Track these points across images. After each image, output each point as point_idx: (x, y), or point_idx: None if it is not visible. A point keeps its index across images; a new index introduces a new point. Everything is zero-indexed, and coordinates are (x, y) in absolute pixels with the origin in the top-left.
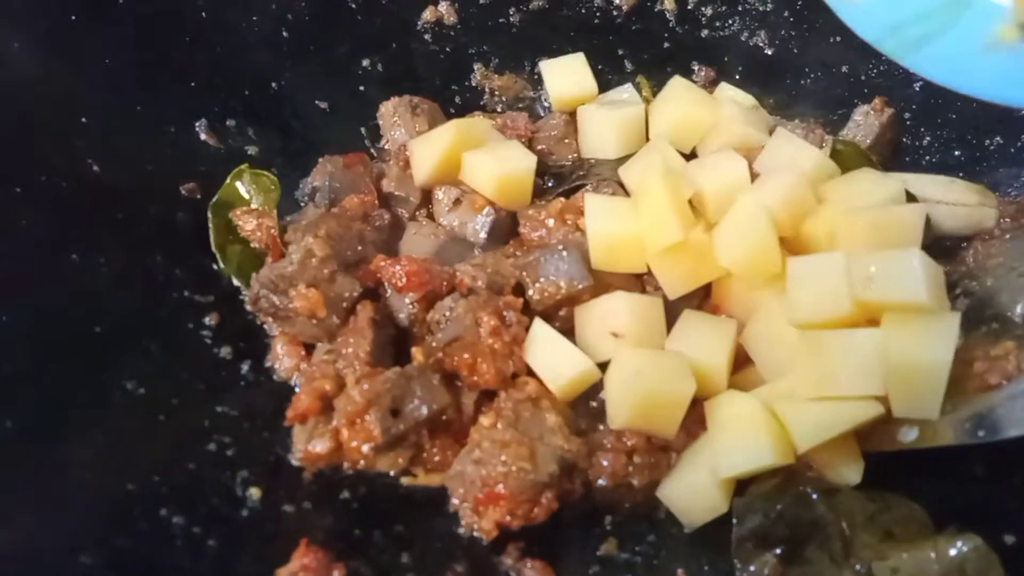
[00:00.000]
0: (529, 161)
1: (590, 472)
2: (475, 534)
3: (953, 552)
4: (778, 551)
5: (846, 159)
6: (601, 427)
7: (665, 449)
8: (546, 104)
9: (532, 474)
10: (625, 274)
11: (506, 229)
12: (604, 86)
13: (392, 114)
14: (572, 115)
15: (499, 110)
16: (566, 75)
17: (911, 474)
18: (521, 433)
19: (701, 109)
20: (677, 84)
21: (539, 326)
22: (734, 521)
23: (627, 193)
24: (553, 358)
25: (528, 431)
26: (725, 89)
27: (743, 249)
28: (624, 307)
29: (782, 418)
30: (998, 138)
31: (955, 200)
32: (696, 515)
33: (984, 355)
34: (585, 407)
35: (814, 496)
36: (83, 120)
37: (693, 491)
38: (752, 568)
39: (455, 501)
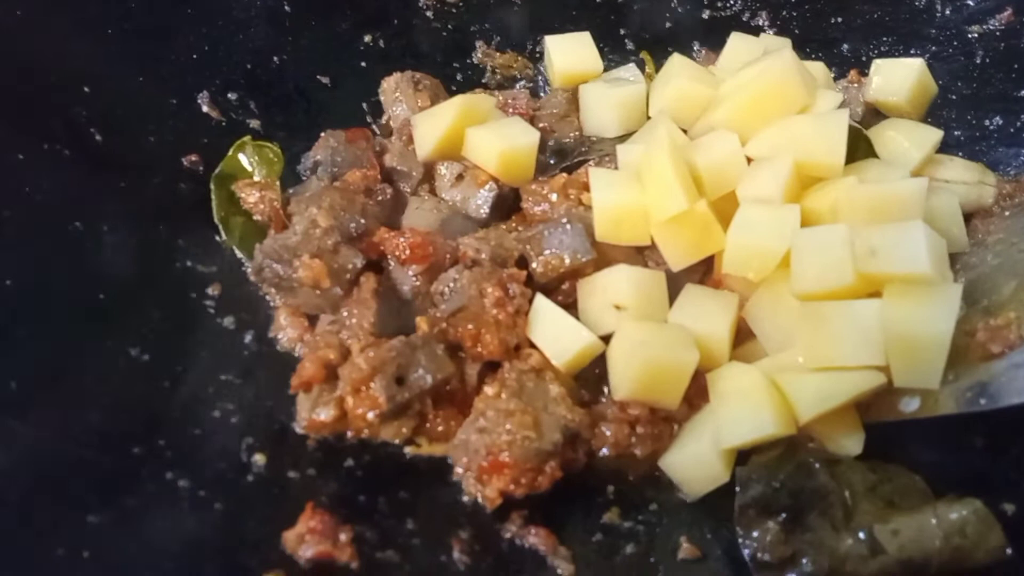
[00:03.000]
0: (531, 137)
1: (593, 442)
2: (479, 502)
3: (954, 516)
4: (780, 519)
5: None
6: (604, 398)
7: (667, 420)
8: (546, 82)
9: (536, 443)
10: (627, 248)
11: (508, 205)
12: (605, 65)
13: (394, 89)
14: (574, 93)
15: (500, 88)
16: (571, 52)
17: (912, 445)
18: (525, 403)
19: (701, 86)
20: (677, 61)
21: (541, 301)
22: (737, 489)
23: None
24: (556, 333)
25: (532, 401)
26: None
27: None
28: (626, 280)
29: (784, 389)
30: (998, 118)
31: (955, 178)
32: (698, 485)
33: (985, 325)
34: (588, 378)
35: (816, 465)
36: (86, 90)
37: (695, 461)
38: (755, 535)
39: (459, 470)
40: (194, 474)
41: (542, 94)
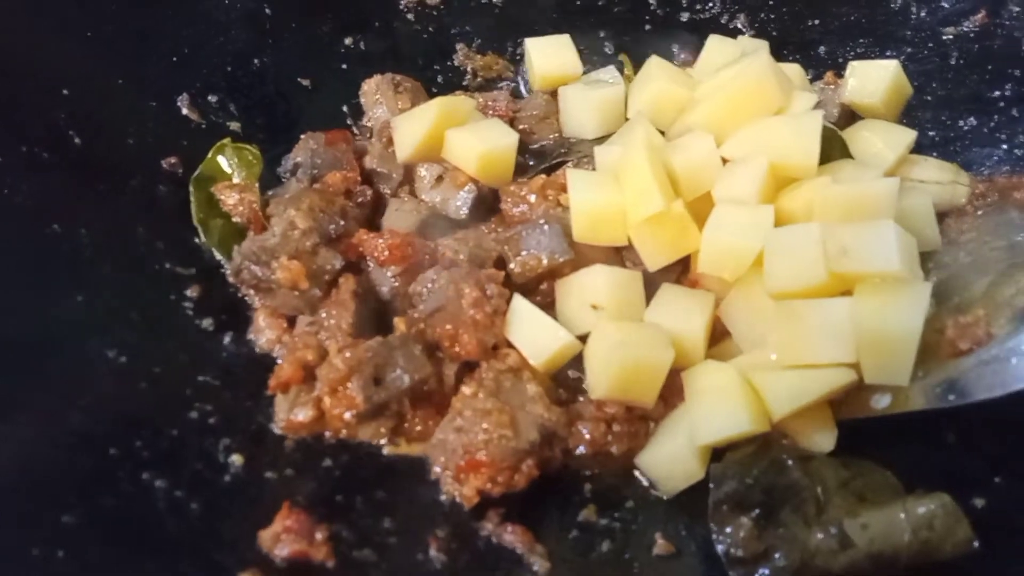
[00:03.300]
0: (511, 138)
1: (570, 440)
2: (456, 501)
3: (922, 510)
4: (753, 514)
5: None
6: (581, 397)
7: (643, 418)
8: (526, 84)
9: (513, 441)
10: (605, 249)
11: (488, 206)
12: (585, 68)
13: (375, 92)
14: (553, 95)
15: (481, 90)
16: (551, 54)
17: (884, 442)
18: (502, 402)
19: (678, 87)
20: (654, 63)
21: (519, 302)
22: (711, 486)
23: None
24: (534, 333)
25: (509, 400)
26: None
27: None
28: (603, 280)
29: (757, 386)
30: (972, 119)
31: (928, 178)
32: (673, 482)
33: (955, 322)
34: (565, 377)
35: (789, 462)
36: (65, 92)
37: (671, 459)
38: (728, 531)
39: (437, 469)
40: (171, 475)
41: (525, 94)
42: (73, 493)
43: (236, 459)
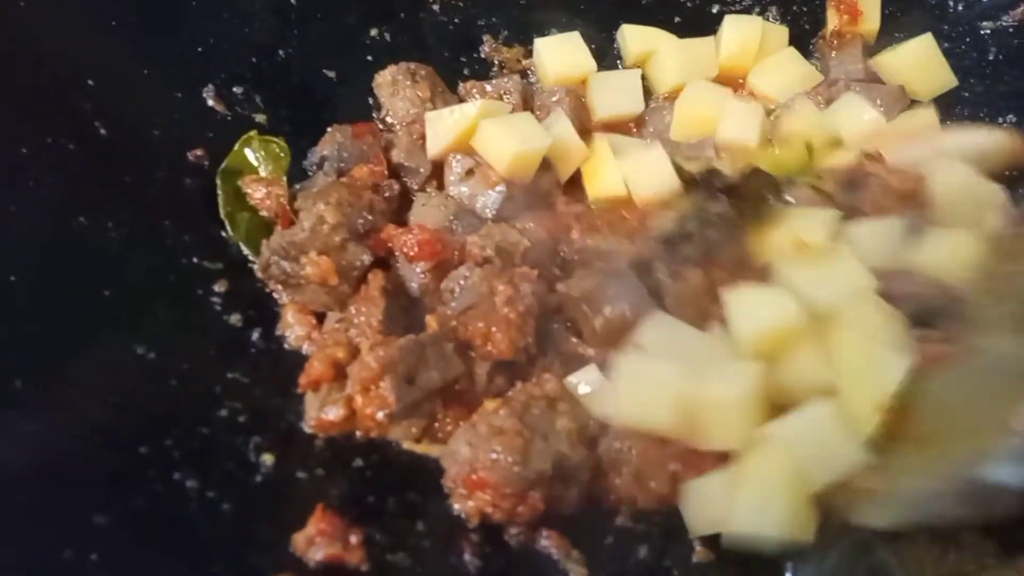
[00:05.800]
0: (545, 141)
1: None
2: None
3: None
4: None
5: None
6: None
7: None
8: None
9: (518, 468)
10: None
11: (517, 204)
12: (612, 63)
13: (391, 83)
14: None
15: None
16: (561, 53)
17: None
18: (523, 426)
19: None
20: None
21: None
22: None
23: None
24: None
25: (533, 426)
26: None
27: None
28: None
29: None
30: (1011, 115)
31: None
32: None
33: None
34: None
35: (872, 541)
36: (90, 83)
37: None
38: None
39: (447, 479)
40: (202, 474)
41: None
42: (105, 493)
43: (267, 458)
